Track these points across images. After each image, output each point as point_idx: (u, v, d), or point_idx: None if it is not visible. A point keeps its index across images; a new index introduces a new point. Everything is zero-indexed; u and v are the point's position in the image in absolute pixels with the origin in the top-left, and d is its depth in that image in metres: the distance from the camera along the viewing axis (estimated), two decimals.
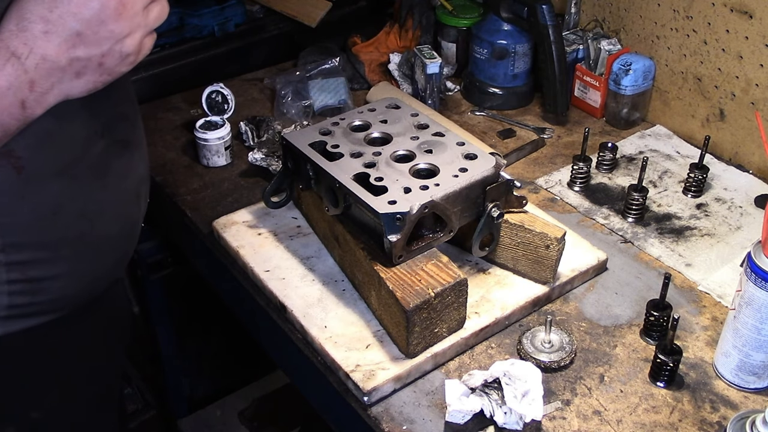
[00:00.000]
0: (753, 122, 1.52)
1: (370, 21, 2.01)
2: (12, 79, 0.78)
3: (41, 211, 0.94)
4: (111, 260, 1.09)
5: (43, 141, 0.90)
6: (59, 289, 1.00)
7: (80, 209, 0.98)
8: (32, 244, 0.95)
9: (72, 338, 1.09)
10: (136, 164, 1.08)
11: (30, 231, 0.94)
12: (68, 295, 1.02)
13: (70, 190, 0.96)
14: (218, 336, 2.08)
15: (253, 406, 2.23)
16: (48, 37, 0.78)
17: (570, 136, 1.67)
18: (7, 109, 0.79)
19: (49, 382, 1.08)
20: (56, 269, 0.98)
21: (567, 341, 1.15)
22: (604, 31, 1.77)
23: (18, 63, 0.78)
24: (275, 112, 1.70)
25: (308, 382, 1.21)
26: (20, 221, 0.92)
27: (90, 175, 0.98)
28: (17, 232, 0.93)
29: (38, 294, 0.98)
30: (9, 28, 0.78)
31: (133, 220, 1.11)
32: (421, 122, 1.27)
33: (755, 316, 1.03)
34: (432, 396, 1.09)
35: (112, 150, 1.01)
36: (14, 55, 0.78)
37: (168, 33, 1.81)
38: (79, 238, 0.99)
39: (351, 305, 1.19)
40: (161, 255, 1.81)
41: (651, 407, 1.08)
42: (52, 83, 0.81)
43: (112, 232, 1.05)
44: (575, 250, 1.28)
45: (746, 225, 1.41)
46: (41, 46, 0.78)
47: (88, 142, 0.96)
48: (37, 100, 0.81)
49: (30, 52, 0.78)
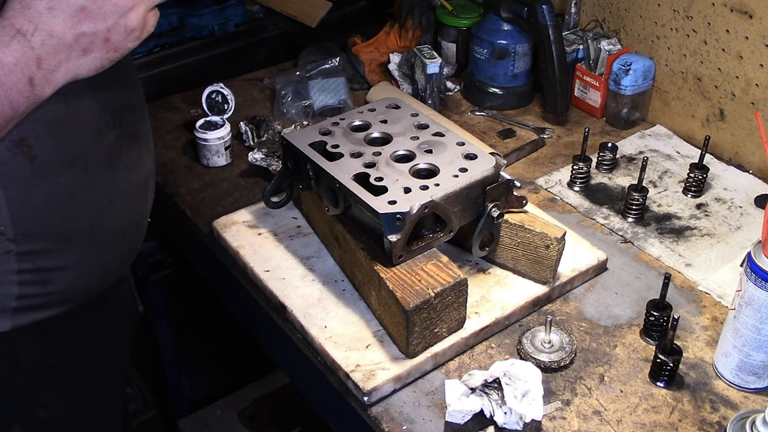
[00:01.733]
0: (753, 122, 1.52)
1: (370, 21, 2.01)
2: (18, 55, 0.79)
3: (53, 200, 0.94)
4: (119, 253, 1.10)
5: (55, 130, 0.91)
6: (68, 281, 1.01)
7: (91, 200, 0.99)
8: (43, 233, 0.95)
9: (79, 335, 1.09)
10: (145, 157, 1.09)
11: (41, 221, 0.94)
12: (77, 287, 1.03)
13: (82, 180, 0.97)
14: (218, 336, 2.08)
15: (253, 406, 2.23)
16: (53, 13, 0.79)
17: (570, 136, 1.67)
18: (16, 86, 0.80)
19: (55, 380, 1.09)
20: (66, 260, 0.99)
21: (567, 341, 1.15)
22: (604, 31, 1.77)
23: (24, 40, 0.78)
24: (275, 112, 1.70)
25: (308, 382, 1.21)
26: (32, 210, 0.93)
27: (101, 166, 0.99)
28: (28, 221, 0.93)
29: (48, 285, 0.99)
30: (13, 6, 0.79)
31: (142, 212, 1.12)
32: (421, 122, 1.27)
33: (755, 316, 1.03)
34: (432, 396, 1.09)
35: (122, 141, 1.02)
36: (19, 32, 0.78)
37: (168, 33, 1.81)
38: (89, 229, 1.00)
39: (351, 305, 1.19)
40: (161, 255, 1.81)
41: (651, 407, 1.08)
42: (59, 60, 0.81)
43: (121, 224, 1.06)
44: (575, 250, 1.28)
45: (746, 225, 1.41)
46: (46, 23, 0.79)
47: (99, 132, 0.97)
48: (45, 77, 0.81)
49: (35, 29, 0.79)
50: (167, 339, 1.94)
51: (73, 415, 1.15)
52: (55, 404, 1.10)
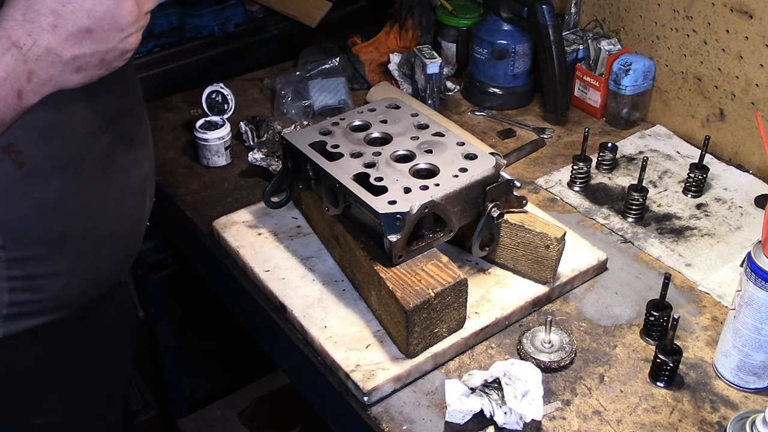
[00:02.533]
0: (753, 122, 1.52)
1: (370, 21, 2.01)
2: (10, 69, 0.77)
3: (43, 206, 0.93)
4: (114, 259, 1.08)
5: (44, 135, 0.89)
6: (61, 287, 0.99)
7: (83, 205, 0.97)
8: (33, 240, 0.93)
9: (76, 342, 1.08)
10: (142, 161, 1.06)
11: (31, 227, 0.93)
12: (70, 294, 1.01)
13: (73, 185, 0.95)
14: (218, 336, 2.08)
15: (253, 406, 2.23)
16: (55, 31, 0.78)
17: (570, 136, 1.67)
18: (3, 99, 0.79)
19: (51, 387, 1.07)
20: (58, 266, 0.97)
21: (567, 341, 1.15)
22: (604, 31, 1.77)
23: (18, 53, 0.77)
24: (275, 112, 1.70)
25: (308, 382, 1.21)
26: (21, 217, 0.91)
27: (93, 170, 0.97)
28: (18, 228, 0.91)
29: (39, 292, 0.97)
30: (14, 17, 0.77)
31: (138, 218, 1.09)
32: (421, 122, 1.27)
33: (755, 316, 1.03)
34: (432, 396, 1.09)
35: (117, 145, 1.00)
36: (15, 45, 0.77)
37: (168, 33, 1.81)
38: (82, 234, 0.98)
39: (351, 305, 1.19)
40: (161, 255, 1.81)
41: (651, 407, 1.08)
42: (51, 75, 0.80)
43: (116, 230, 1.04)
44: (575, 250, 1.28)
45: (746, 225, 1.41)
46: (46, 39, 0.78)
47: (91, 136, 0.95)
48: (33, 90, 0.80)
49: (34, 44, 0.77)
50: (167, 339, 1.94)
51: (70, 421, 1.14)
52: (52, 411, 1.09)
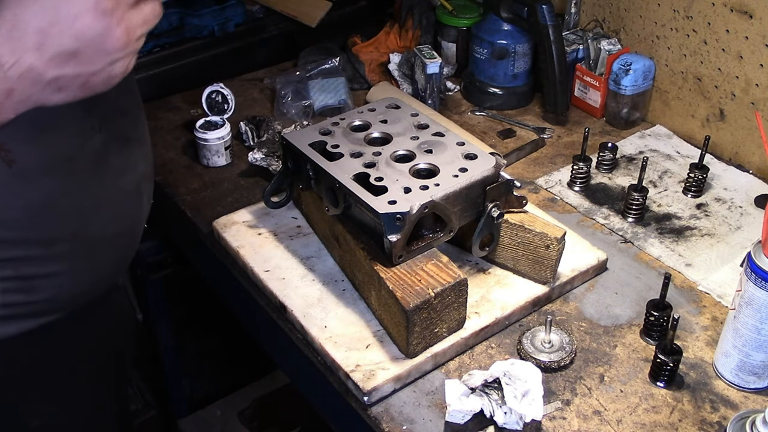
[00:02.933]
0: (753, 122, 1.52)
1: (370, 21, 2.01)
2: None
3: (34, 206, 0.91)
4: (110, 260, 1.06)
5: (35, 134, 0.88)
6: (55, 289, 0.98)
7: (75, 205, 0.96)
8: (25, 240, 0.92)
9: (72, 345, 1.07)
10: (138, 162, 1.05)
11: (22, 227, 0.91)
12: (65, 295, 1.00)
13: (65, 185, 0.94)
14: (218, 336, 2.08)
15: (253, 406, 2.23)
16: (40, 50, 0.75)
17: (570, 136, 1.67)
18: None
19: (48, 389, 1.07)
20: (51, 267, 0.96)
21: (567, 341, 1.15)
22: (604, 31, 1.77)
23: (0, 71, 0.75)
24: (275, 112, 1.70)
25: (308, 382, 1.21)
26: (12, 217, 0.90)
27: (86, 170, 0.96)
28: (9, 228, 0.90)
29: (33, 293, 0.96)
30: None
31: (134, 218, 1.08)
32: (421, 122, 1.27)
33: (755, 316, 1.03)
34: (432, 396, 1.09)
35: (111, 145, 0.98)
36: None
37: (168, 33, 1.81)
38: (75, 235, 0.97)
39: (351, 305, 1.19)
40: (161, 255, 1.81)
41: (651, 407, 1.08)
42: (30, 93, 0.77)
43: (111, 231, 1.02)
44: (575, 250, 1.28)
45: (746, 225, 1.41)
46: (30, 58, 0.75)
47: (83, 136, 0.94)
48: (11, 107, 0.78)
49: (16, 62, 0.74)
50: (167, 339, 1.94)
51: (67, 423, 1.13)
52: (49, 413, 1.08)
